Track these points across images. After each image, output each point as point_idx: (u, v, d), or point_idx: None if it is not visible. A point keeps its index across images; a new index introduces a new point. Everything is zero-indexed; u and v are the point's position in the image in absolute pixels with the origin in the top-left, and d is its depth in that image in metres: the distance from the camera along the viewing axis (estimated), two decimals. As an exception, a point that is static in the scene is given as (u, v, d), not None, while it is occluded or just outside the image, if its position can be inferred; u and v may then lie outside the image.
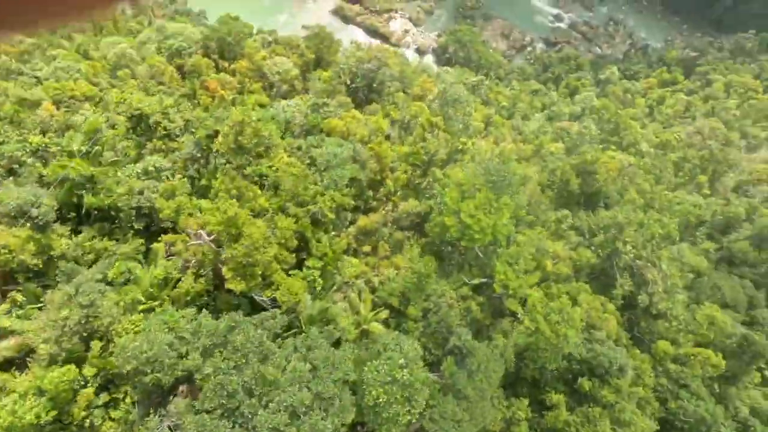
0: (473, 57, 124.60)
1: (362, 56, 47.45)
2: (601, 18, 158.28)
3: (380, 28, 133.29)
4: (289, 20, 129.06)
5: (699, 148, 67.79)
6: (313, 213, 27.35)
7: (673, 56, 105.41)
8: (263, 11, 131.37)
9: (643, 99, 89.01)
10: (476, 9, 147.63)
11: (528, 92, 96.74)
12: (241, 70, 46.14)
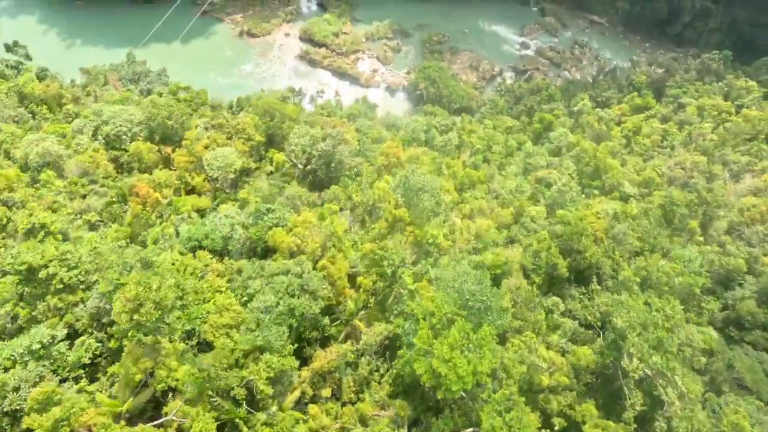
0: (444, 93, 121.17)
1: (316, 135, 41.94)
2: (566, 42, 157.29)
3: (348, 70, 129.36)
4: (253, 70, 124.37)
5: (682, 183, 63.77)
6: (246, 381, 21.35)
7: (642, 80, 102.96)
8: (226, 62, 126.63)
9: (619, 129, 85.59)
10: (443, 43, 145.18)
11: (502, 129, 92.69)
12: (180, 163, 40.02)
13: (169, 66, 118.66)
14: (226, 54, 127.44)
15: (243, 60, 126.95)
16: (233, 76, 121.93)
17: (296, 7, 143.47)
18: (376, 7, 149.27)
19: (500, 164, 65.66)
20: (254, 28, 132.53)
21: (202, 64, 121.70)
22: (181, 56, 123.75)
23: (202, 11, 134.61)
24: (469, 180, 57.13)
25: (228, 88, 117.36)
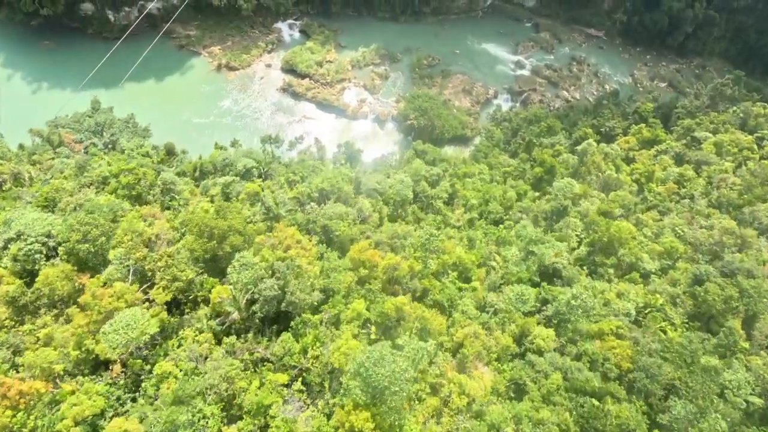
0: (436, 123, 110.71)
1: (259, 271, 31.45)
2: (563, 59, 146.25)
3: (334, 102, 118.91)
4: (232, 107, 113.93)
5: (711, 252, 53.33)
6: None
7: (649, 109, 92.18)
8: (203, 100, 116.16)
9: (629, 169, 75.10)
10: (433, 66, 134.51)
11: (500, 171, 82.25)
12: (78, 327, 29.42)
13: (142, 107, 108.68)
14: (203, 90, 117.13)
15: (221, 95, 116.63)
16: (210, 115, 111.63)
17: (278, 35, 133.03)
18: (362, 31, 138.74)
19: (498, 238, 55.41)
20: (233, 60, 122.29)
21: (177, 103, 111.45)
22: (156, 95, 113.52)
23: (179, 45, 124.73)
24: (462, 265, 46.95)
25: (203, 130, 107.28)
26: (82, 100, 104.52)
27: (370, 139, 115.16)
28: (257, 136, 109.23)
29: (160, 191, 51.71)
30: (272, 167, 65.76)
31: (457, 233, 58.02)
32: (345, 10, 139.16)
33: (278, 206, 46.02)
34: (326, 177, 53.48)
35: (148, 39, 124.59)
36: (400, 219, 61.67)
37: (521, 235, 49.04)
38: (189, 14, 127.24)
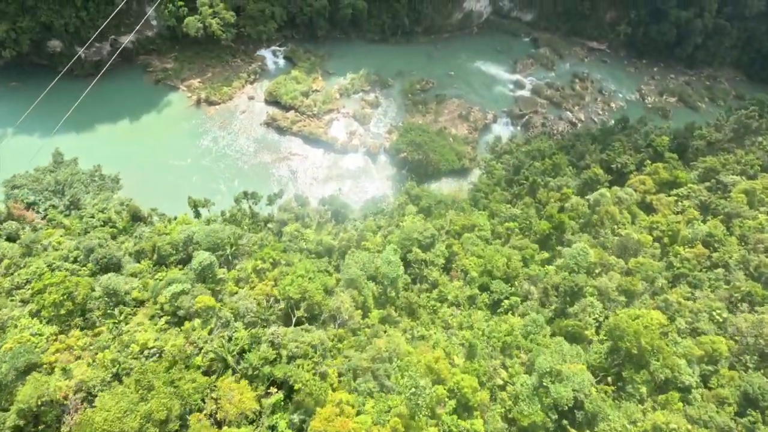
0: (432, 158, 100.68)
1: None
2: (564, 76, 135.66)
3: (321, 136, 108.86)
4: (212, 146, 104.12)
5: (759, 351, 43.77)
6: None
7: (665, 144, 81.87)
8: (181, 139, 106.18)
9: (648, 231, 64.97)
10: (427, 91, 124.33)
11: (503, 228, 72.26)
12: None
13: (115, 149, 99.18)
14: (182, 128, 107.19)
15: (200, 134, 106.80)
16: (188, 156, 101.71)
17: (261, 63, 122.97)
18: (351, 55, 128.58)
19: (503, 345, 45.59)
20: (213, 94, 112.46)
21: (153, 145, 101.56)
22: (131, 136, 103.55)
23: (155, 80, 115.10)
24: (460, 391, 37.45)
25: (181, 174, 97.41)
26: (53, 145, 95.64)
27: (360, 175, 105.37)
28: (239, 178, 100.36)
29: (100, 302, 42.47)
30: (241, 245, 56.23)
31: (457, 334, 48.30)
32: (332, 33, 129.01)
33: (229, 352, 36.78)
34: (296, 277, 43.83)
35: (122, 74, 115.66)
36: (389, 304, 52.12)
37: (536, 367, 38.86)
38: (166, 45, 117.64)
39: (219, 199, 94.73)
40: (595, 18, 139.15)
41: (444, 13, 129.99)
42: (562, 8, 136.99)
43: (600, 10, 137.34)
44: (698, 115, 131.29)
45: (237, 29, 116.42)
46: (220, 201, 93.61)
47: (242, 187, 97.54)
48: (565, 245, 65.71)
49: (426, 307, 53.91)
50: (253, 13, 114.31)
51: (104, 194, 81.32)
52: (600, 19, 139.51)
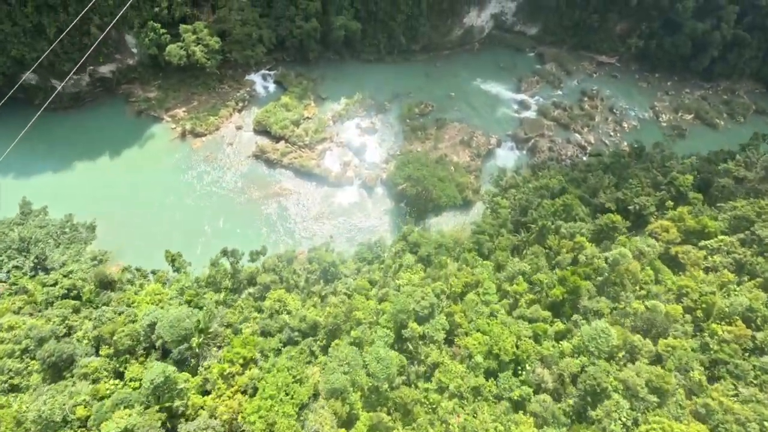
0: (433, 194, 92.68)
1: None
2: (572, 94, 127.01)
3: (313, 168, 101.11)
4: (197, 183, 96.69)
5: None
6: None
7: (688, 183, 73.42)
8: (164, 177, 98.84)
9: (677, 298, 56.83)
10: (425, 115, 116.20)
11: (510, 289, 64.30)
12: None
13: (92, 190, 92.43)
14: (165, 164, 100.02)
15: (185, 169, 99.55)
16: (171, 194, 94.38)
17: (250, 89, 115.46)
18: (345, 77, 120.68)
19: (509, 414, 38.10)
20: (198, 125, 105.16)
21: (134, 183, 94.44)
22: (111, 173, 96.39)
23: (137, 111, 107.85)
24: None
25: (162, 216, 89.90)
26: (28, 187, 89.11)
27: (355, 211, 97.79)
28: (225, 217, 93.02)
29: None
30: (210, 333, 48.79)
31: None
32: (325, 54, 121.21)
33: None
34: (264, 400, 36.28)
35: (103, 105, 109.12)
36: (381, 405, 44.60)
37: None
38: (148, 73, 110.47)
39: (203, 241, 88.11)
40: (604, 30, 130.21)
41: (443, 30, 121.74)
42: (569, 21, 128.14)
43: (609, 21, 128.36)
44: (717, 133, 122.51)
45: (223, 55, 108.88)
46: (204, 243, 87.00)
47: (228, 227, 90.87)
48: (581, 312, 57.66)
49: (424, 404, 46.23)
50: (239, 37, 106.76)
51: (76, 247, 74.38)
52: (609, 31, 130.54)
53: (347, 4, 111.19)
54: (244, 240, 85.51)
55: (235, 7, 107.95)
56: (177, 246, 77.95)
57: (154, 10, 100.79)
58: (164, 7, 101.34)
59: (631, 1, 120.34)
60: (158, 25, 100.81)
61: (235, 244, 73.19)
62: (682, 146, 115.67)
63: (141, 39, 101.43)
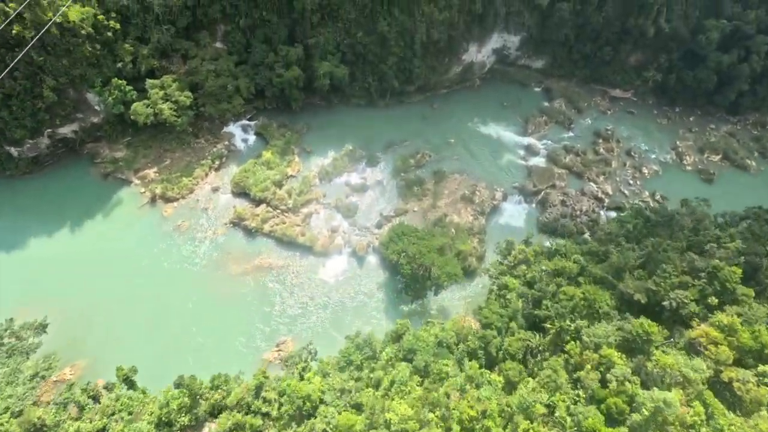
0: (432, 271, 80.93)
1: None
2: (585, 135, 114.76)
3: (297, 238, 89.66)
4: (163, 260, 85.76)
5: None
6: None
7: (735, 277, 61.09)
8: (130, 250, 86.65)
9: (726, 419, 45.43)
10: (422, 166, 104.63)
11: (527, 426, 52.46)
12: None
13: (48, 273, 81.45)
14: (131, 235, 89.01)
15: (153, 241, 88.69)
16: (135, 274, 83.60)
17: (228, 142, 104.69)
18: (333, 125, 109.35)
19: None
20: (170, 189, 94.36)
21: (94, 262, 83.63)
22: (69, 249, 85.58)
23: (104, 174, 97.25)
24: None
25: (123, 306, 78.62)
26: None
27: (344, 285, 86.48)
28: (195, 299, 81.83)
29: None
30: None
31: None
32: (310, 100, 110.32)
33: None
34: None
35: (65, 168, 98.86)
36: None
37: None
38: (116, 130, 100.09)
39: (171, 336, 77.10)
40: (617, 62, 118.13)
41: (440, 69, 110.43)
42: (578, 54, 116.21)
43: (622, 53, 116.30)
44: (749, 176, 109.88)
45: (196, 109, 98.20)
46: (172, 339, 76.14)
47: (198, 311, 79.90)
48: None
49: None
50: (213, 90, 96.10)
51: (15, 361, 63.57)
52: (623, 63, 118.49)
53: (332, 48, 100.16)
54: (215, 333, 75.25)
55: (208, 57, 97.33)
56: (140, 342, 68.64)
57: (116, 65, 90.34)
58: (128, 62, 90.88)
59: (647, 33, 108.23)
60: (123, 81, 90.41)
61: (205, 340, 62.56)
62: (711, 194, 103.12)
63: (104, 98, 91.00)
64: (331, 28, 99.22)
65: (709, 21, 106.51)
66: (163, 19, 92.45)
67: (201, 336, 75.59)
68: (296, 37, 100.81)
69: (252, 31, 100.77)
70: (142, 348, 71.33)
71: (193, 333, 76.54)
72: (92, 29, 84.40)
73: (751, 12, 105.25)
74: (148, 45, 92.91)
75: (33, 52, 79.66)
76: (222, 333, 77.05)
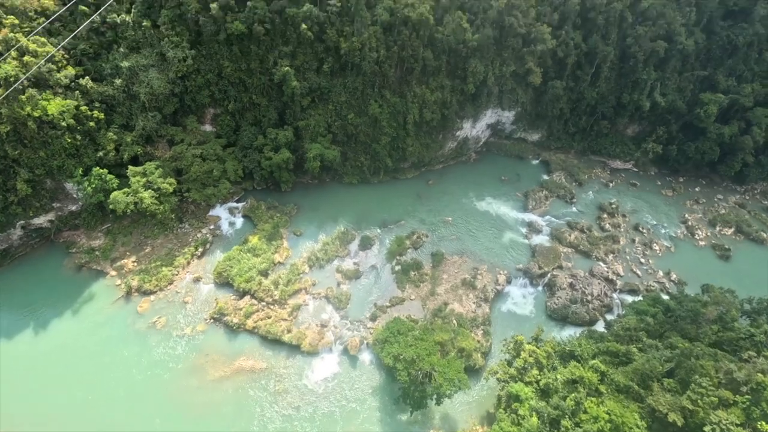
0: (433, 379, 71.88)
1: None
2: (588, 210, 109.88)
3: (283, 335, 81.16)
4: (134, 362, 76.90)
5: None
6: None
7: None
8: (100, 349, 79.08)
9: None
10: (419, 248, 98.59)
11: None
12: None
13: (6, 384, 73.07)
14: (101, 336, 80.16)
15: (124, 343, 79.94)
16: (102, 381, 73.85)
17: (214, 226, 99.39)
18: (324, 206, 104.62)
19: None
20: (148, 280, 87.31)
21: (60, 363, 74.72)
22: (31, 353, 77.15)
23: (78, 265, 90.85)
24: None
25: (86, 414, 69.16)
26: None
27: (333, 390, 76.68)
28: (166, 411, 71.89)
29: None
30: None
31: None
32: (301, 179, 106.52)
33: None
34: None
35: (38, 259, 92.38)
36: None
37: None
38: (95, 218, 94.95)
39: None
40: (614, 134, 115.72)
41: (434, 146, 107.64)
42: (574, 128, 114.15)
43: (619, 125, 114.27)
44: (765, 249, 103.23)
45: (180, 195, 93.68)
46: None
47: (166, 429, 69.57)
48: None
49: None
50: (197, 175, 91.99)
51: None
52: (620, 135, 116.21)
53: (323, 129, 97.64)
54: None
55: (195, 142, 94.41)
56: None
57: (98, 154, 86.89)
58: (110, 150, 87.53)
59: (642, 107, 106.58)
60: (104, 170, 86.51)
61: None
62: (730, 272, 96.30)
63: (84, 187, 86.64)
64: (322, 111, 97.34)
65: (705, 95, 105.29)
66: (149, 107, 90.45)
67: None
68: (286, 119, 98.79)
69: (241, 114, 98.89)
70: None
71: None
72: (74, 120, 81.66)
73: (746, 86, 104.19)
74: (132, 132, 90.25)
75: (8, 145, 76.19)
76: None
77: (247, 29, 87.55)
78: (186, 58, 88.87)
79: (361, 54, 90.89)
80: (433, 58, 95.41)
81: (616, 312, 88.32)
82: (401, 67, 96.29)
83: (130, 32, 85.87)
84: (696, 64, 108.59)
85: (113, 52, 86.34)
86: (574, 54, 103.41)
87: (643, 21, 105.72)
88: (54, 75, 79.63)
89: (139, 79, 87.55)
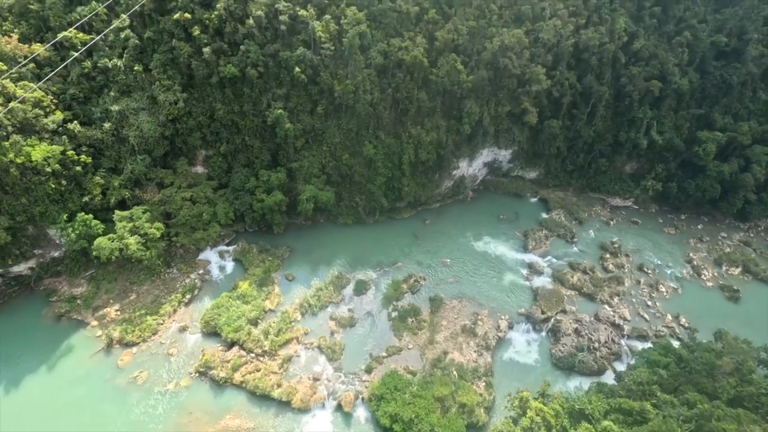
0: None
1: None
2: (590, 250, 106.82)
3: (272, 391, 75.67)
4: (110, 424, 72.02)
5: None
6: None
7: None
8: (76, 412, 74.86)
9: None
10: (416, 292, 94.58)
11: None
12: None
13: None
14: (73, 396, 74.79)
15: (100, 402, 74.40)
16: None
17: (203, 272, 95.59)
18: (317, 248, 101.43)
19: None
20: (130, 331, 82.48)
21: (31, 424, 69.76)
22: (9, 414, 72.12)
23: (58, 314, 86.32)
24: None
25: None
26: None
27: (328, 453, 70.79)
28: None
29: None
30: None
31: None
32: (294, 220, 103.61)
33: None
34: None
35: (16, 307, 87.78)
36: None
37: None
38: (80, 263, 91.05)
39: None
40: (613, 172, 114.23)
41: (430, 186, 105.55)
42: (572, 165, 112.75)
43: (617, 163, 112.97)
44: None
45: (168, 240, 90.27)
46: None
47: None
48: None
49: None
50: (187, 219, 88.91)
51: None
52: (619, 172, 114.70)
53: (317, 170, 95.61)
54: None
55: (185, 185, 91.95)
56: None
57: (83, 199, 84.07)
58: (96, 194, 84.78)
59: (640, 145, 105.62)
60: (89, 216, 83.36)
61: None
62: (740, 314, 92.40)
63: (67, 233, 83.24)
64: (316, 152, 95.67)
65: (703, 133, 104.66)
66: (138, 150, 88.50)
67: None
68: (279, 160, 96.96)
69: (234, 156, 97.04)
70: None
71: None
72: (59, 165, 79.28)
73: (744, 124, 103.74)
74: (120, 176, 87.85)
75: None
76: None
77: (240, 72, 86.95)
78: (177, 101, 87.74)
79: (355, 96, 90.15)
80: (427, 100, 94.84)
81: (626, 360, 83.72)
82: (396, 108, 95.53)
83: (121, 76, 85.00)
84: (691, 102, 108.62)
85: (104, 96, 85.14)
86: (569, 94, 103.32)
87: (636, 61, 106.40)
88: (41, 120, 77.90)
89: (128, 123, 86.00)
